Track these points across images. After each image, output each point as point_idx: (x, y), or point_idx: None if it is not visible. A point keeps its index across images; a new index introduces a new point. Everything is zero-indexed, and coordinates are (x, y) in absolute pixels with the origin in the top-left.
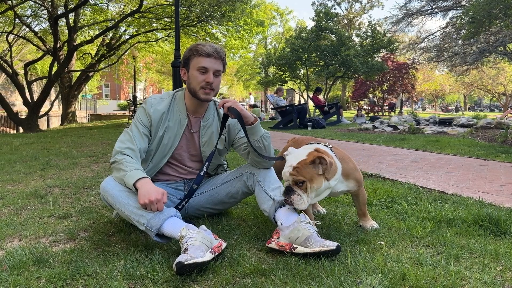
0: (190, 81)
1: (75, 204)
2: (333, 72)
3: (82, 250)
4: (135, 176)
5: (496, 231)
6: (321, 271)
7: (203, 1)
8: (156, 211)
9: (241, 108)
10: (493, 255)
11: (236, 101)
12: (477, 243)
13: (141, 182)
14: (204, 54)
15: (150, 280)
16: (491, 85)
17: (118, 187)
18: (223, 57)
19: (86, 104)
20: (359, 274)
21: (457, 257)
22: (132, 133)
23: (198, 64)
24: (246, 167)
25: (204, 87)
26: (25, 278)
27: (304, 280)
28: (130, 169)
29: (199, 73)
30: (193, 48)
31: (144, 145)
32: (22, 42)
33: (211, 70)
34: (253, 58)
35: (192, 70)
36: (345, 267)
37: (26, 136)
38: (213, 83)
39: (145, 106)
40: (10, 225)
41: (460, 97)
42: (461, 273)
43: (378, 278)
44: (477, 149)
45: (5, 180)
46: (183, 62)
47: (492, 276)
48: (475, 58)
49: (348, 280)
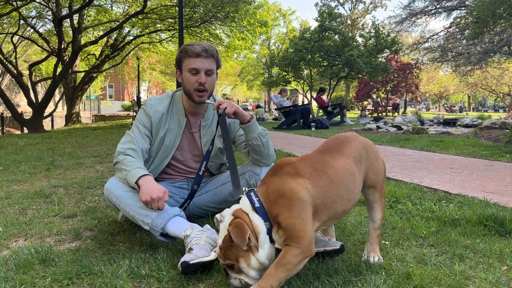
0: (184, 83)
1: (80, 203)
2: (337, 73)
3: (87, 249)
4: (137, 174)
5: (501, 231)
6: (324, 270)
7: (207, 2)
8: (157, 209)
9: (237, 107)
10: (498, 254)
11: (231, 101)
12: (482, 243)
13: (143, 179)
14: (193, 55)
15: (155, 279)
16: (495, 85)
17: (122, 187)
18: (214, 55)
19: (90, 104)
20: (363, 273)
21: (462, 257)
22: (133, 134)
23: (188, 66)
24: (248, 166)
25: (197, 88)
26: (31, 277)
27: (308, 279)
28: (131, 168)
29: (191, 74)
30: (183, 50)
31: (145, 146)
32: (26, 43)
33: (202, 70)
34: (257, 58)
35: (184, 72)
36: (349, 267)
37: (30, 137)
38: (206, 83)
39: (145, 108)
40: (16, 224)
41: (464, 97)
42: (466, 272)
43: (382, 278)
44: (482, 149)
45: (10, 180)
46: (176, 64)
47: (497, 276)
48: (479, 58)
49: (352, 279)
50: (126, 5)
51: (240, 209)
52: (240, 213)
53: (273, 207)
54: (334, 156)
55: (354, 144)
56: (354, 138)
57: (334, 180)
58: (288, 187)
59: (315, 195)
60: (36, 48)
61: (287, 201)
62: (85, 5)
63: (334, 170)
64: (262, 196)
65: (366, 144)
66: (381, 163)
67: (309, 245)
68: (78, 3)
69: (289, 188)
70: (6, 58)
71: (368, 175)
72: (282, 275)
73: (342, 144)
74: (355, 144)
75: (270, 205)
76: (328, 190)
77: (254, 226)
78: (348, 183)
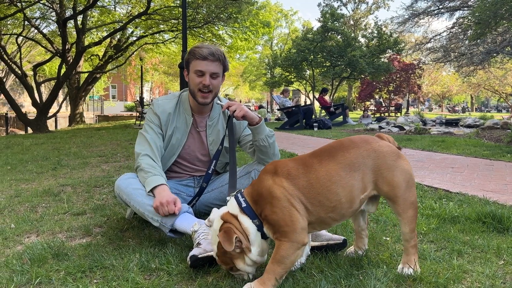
0: (190, 83)
1: (88, 202)
2: (339, 73)
3: (98, 245)
4: (152, 183)
5: (499, 227)
6: (327, 264)
7: (210, 3)
8: (166, 213)
9: (246, 110)
10: (496, 250)
11: (240, 104)
12: (480, 239)
13: (159, 189)
14: (200, 57)
15: (165, 272)
16: (498, 86)
17: (132, 185)
18: (221, 59)
19: (93, 105)
20: (364, 267)
21: (460, 252)
22: (147, 134)
23: (195, 67)
24: (253, 165)
25: (201, 89)
26: (45, 270)
27: (312, 273)
28: (148, 175)
29: (196, 76)
30: (191, 51)
31: (160, 143)
32: (30, 44)
33: (208, 72)
34: (259, 59)
35: (191, 72)
36: (351, 261)
37: (36, 137)
38: (211, 85)
39: (153, 108)
40: (27, 221)
41: (467, 98)
42: (464, 266)
43: (383, 271)
44: (483, 149)
45: (18, 179)
46: (185, 64)
47: (494, 270)
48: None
49: (354, 273)
50: (130, 6)
51: (228, 212)
52: (229, 216)
53: (257, 205)
54: (322, 161)
55: (355, 151)
56: (362, 145)
57: (313, 184)
58: (265, 185)
59: (294, 194)
60: (40, 49)
61: (266, 199)
62: (89, 6)
63: (316, 174)
64: (248, 196)
65: (377, 153)
66: (398, 174)
67: (298, 236)
68: (82, 4)
69: (265, 186)
70: (10, 58)
71: (379, 187)
72: (279, 269)
73: (340, 149)
74: (359, 152)
75: (255, 204)
76: (307, 192)
77: (244, 228)
78: (330, 189)
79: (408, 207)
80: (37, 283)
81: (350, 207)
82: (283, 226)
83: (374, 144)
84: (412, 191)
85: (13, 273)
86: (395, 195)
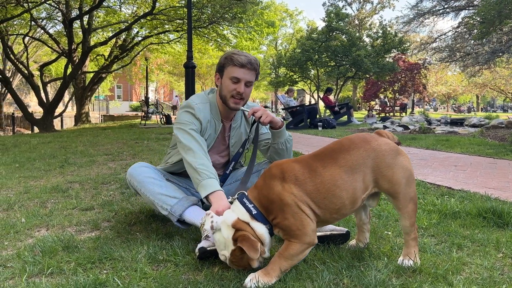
0: (222, 88)
1: (96, 197)
2: (344, 73)
3: (107, 238)
4: (208, 188)
5: (499, 222)
6: (330, 256)
7: (215, 3)
8: None
9: (272, 116)
10: (495, 243)
11: (265, 110)
12: (480, 233)
13: (215, 197)
14: (238, 64)
15: (172, 263)
16: (504, 86)
17: (145, 173)
18: (257, 68)
19: (99, 105)
20: (366, 259)
21: (460, 246)
22: (191, 132)
23: (231, 74)
24: (264, 164)
25: (234, 96)
26: (56, 261)
27: (314, 264)
28: (203, 176)
29: (231, 82)
30: (229, 57)
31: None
32: (37, 44)
33: (243, 80)
34: (264, 59)
35: (225, 78)
36: (353, 253)
37: (42, 136)
38: (244, 93)
39: (193, 112)
40: (37, 216)
41: (473, 97)
42: (463, 259)
43: (384, 263)
44: (487, 148)
45: (27, 176)
46: (218, 68)
47: (492, 262)
48: (488, 58)
49: (355, 264)
50: (135, 6)
51: (238, 219)
52: (241, 224)
53: (267, 212)
54: (326, 164)
55: (356, 152)
56: (361, 145)
57: (319, 189)
58: (275, 192)
59: (303, 200)
60: (46, 49)
61: (278, 206)
62: (95, 7)
63: (321, 179)
64: (255, 201)
65: (376, 152)
66: (398, 172)
67: (308, 238)
68: (88, 4)
69: (276, 193)
70: (17, 58)
71: (380, 184)
72: (285, 264)
73: (341, 151)
74: (359, 152)
75: (265, 211)
76: (314, 197)
77: (259, 235)
78: (335, 194)
79: (408, 202)
80: (49, 273)
81: (353, 207)
82: (295, 230)
83: (373, 143)
84: (412, 186)
85: (25, 263)
86: (395, 192)
